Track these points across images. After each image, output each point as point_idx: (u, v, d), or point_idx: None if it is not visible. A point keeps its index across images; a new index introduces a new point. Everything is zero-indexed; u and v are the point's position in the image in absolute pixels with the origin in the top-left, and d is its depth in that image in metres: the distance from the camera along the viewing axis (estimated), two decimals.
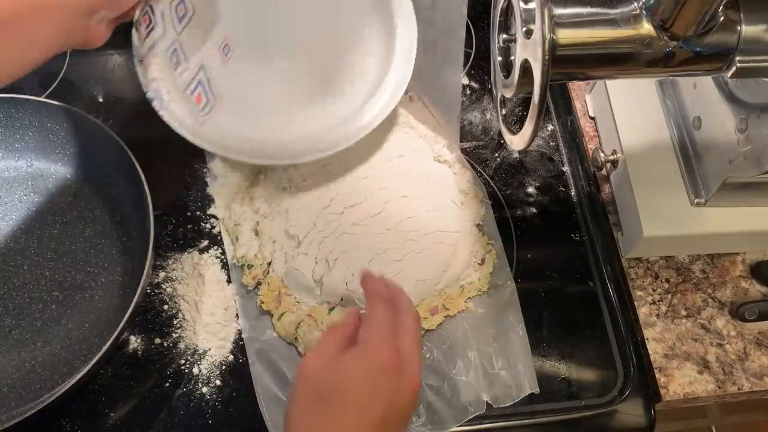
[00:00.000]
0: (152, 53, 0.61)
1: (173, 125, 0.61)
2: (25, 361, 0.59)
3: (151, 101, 0.61)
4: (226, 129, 0.63)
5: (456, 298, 0.64)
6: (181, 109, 0.62)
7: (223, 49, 0.65)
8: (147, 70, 0.61)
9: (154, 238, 0.59)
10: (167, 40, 0.61)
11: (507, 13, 0.55)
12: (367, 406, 0.49)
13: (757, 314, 0.68)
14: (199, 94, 0.64)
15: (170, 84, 0.62)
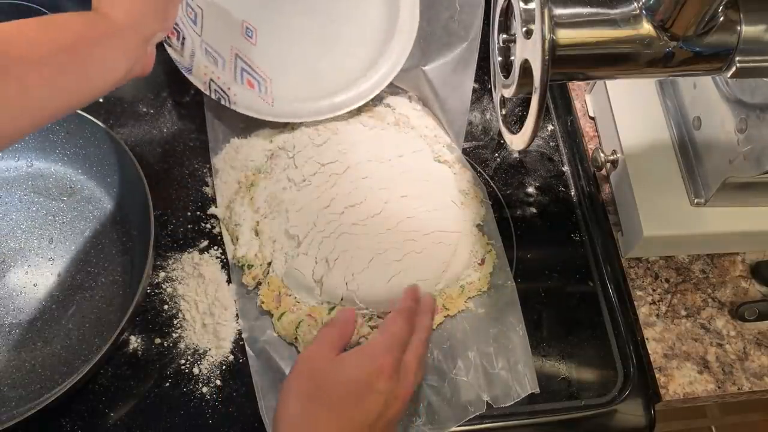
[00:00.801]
0: (196, 60, 0.65)
1: (251, 114, 0.67)
2: (25, 361, 0.59)
3: (219, 101, 0.66)
4: (289, 98, 0.69)
5: (456, 298, 0.64)
6: (246, 99, 0.67)
7: (246, 33, 0.69)
8: (200, 76, 0.65)
9: (154, 238, 0.59)
10: (197, 44, 0.65)
11: (507, 13, 0.55)
12: (362, 405, 0.49)
13: (757, 314, 0.68)
14: (249, 80, 0.67)
15: (225, 80, 0.66)
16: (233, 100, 0.66)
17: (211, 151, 0.70)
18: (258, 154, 0.69)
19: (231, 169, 0.69)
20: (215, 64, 0.66)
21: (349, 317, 0.58)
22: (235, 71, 0.68)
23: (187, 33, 0.64)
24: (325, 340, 0.54)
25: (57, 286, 0.62)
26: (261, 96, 0.68)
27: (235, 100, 0.66)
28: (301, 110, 0.69)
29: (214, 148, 0.70)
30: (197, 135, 0.71)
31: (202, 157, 0.70)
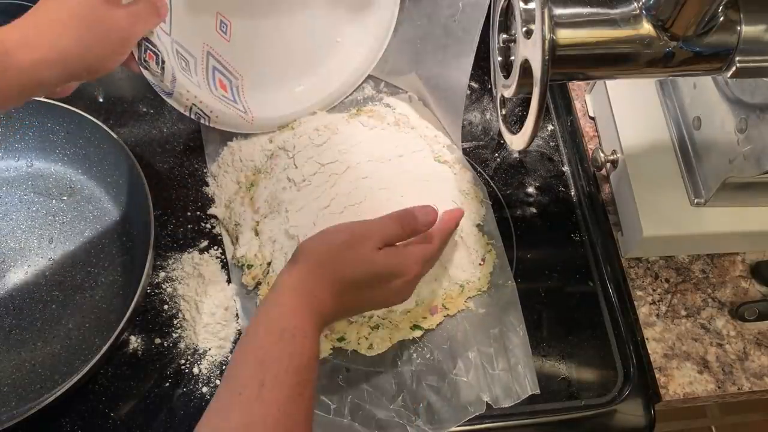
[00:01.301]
0: (177, 85, 0.61)
1: (231, 130, 0.68)
2: (25, 361, 0.59)
3: (200, 120, 0.64)
4: (269, 105, 0.69)
5: (456, 297, 0.64)
6: (227, 117, 0.66)
7: (220, 27, 0.66)
8: (181, 101, 0.62)
9: (154, 238, 0.59)
10: (171, 53, 0.61)
11: (507, 13, 0.55)
12: (368, 290, 0.52)
13: (756, 314, 0.68)
14: (220, 80, 0.65)
15: (205, 97, 0.63)
16: (213, 120, 0.65)
17: (208, 158, 0.70)
18: (258, 154, 0.69)
19: (231, 169, 0.69)
20: (188, 69, 0.63)
21: (429, 218, 0.57)
22: (207, 72, 0.65)
23: (163, 49, 0.58)
24: (378, 231, 0.54)
25: (57, 286, 0.62)
26: (242, 114, 0.67)
27: (216, 120, 0.65)
28: (278, 123, 0.70)
29: (211, 154, 0.70)
30: (197, 135, 0.71)
31: (202, 157, 0.70)
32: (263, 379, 0.43)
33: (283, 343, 0.45)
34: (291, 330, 0.46)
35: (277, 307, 0.48)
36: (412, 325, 0.62)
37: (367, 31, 0.73)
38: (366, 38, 0.73)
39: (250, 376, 0.44)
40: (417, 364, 0.62)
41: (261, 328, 0.47)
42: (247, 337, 0.48)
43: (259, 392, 0.43)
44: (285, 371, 0.44)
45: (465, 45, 0.66)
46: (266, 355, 0.45)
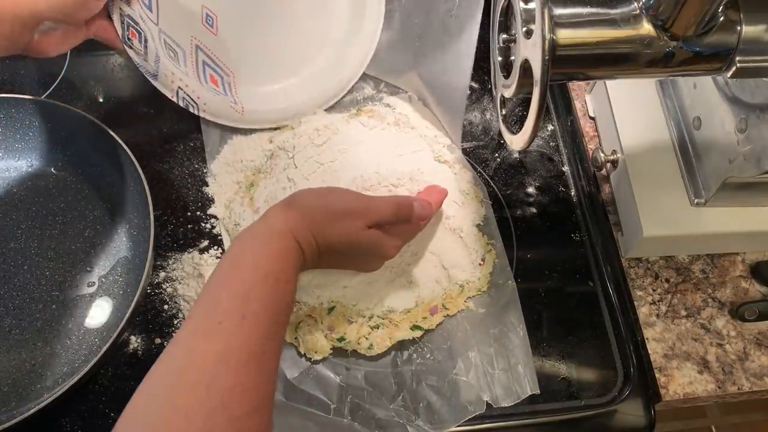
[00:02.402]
0: (161, 66, 0.61)
1: (220, 122, 0.66)
2: (25, 361, 0.59)
3: (188, 108, 0.63)
4: (259, 99, 0.68)
5: (456, 297, 0.64)
6: (215, 106, 0.65)
7: (206, 20, 0.65)
8: (166, 83, 0.62)
9: (154, 238, 0.59)
10: (156, 38, 0.61)
11: (507, 13, 0.55)
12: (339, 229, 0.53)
13: (757, 314, 0.68)
14: (211, 75, 0.65)
15: (193, 83, 0.63)
16: (202, 108, 0.64)
17: (208, 156, 0.70)
18: (258, 154, 0.69)
19: (231, 169, 0.69)
20: (176, 59, 0.62)
21: (425, 213, 0.58)
22: (197, 65, 0.64)
23: (147, 29, 0.59)
24: (374, 212, 0.54)
25: (57, 286, 0.62)
26: (231, 105, 0.66)
27: (204, 108, 0.64)
28: (269, 118, 0.70)
29: (212, 152, 0.70)
30: (197, 135, 0.71)
31: (202, 157, 0.70)
32: (245, 312, 0.44)
33: (267, 285, 0.46)
34: (276, 274, 0.47)
35: (266, 249, 0.49)
36: (412, 325, 0.62)
37: (358, 28, 0.73)
38: (357, 35, 0.73)
39: (231, 307, 0.44)
40: (417, 364, 0.62)
41: (247, 263, 0.48)
42: (230, 267, 0.48)
43: (240, 324, 0.43)
44: (265, 310, 0.45)
45: (463, 43, 0.65)
46: (250, 291, 0.45)
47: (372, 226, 0.55)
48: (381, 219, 0.55)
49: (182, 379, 0.40)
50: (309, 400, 0.59)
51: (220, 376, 0.41)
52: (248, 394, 0.41)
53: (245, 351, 0.43)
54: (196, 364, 0.41)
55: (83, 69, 0.74)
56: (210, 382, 0.40)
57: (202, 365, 0.41)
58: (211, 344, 0.42)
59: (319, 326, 0.61)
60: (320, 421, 0.58)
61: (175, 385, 0.40)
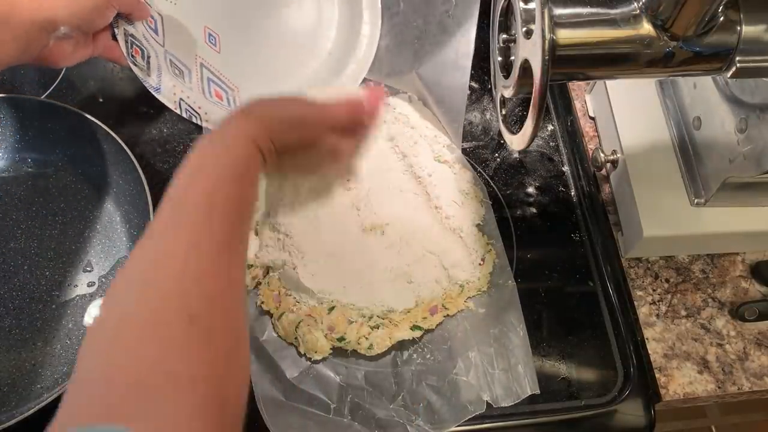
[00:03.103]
0: (163, 80, 0.62)
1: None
2: (25, 361, 0.59)
3: (191, 119, 0.64)
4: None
5: (456, 297, 0.64)
6: (217, 116, 0.65)
7: (209, 39, 0.67)
8: (169, 96, 0.63)
9: None
10: (161, 57, 0.62)
11: (507, 13, 0.55)
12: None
13: (757, 314, 0.68)
14: (216, 91, 0.65)
15: (195, 99, 0.64)
16: (204, 118, 0.65)
17: None
18: None
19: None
20: (182, 76, 0.65)
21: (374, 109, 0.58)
22: (202, 82, 0.66)
23: (151, 48, 0.62)
24: (329, 120, 0.55)
25: (57, 286, 0.62)
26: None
27: (206, 118, 0.65)
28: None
29: None
30: (197, 135, 0.71)
31: None
32: (212, 207, 0.45)
33: (232, 185, 0.47)
34: (240, 176, 0.48)
35: (228, 153, 0.49)
36: (412, 325, 0.62)
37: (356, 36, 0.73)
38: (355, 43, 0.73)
39: (199, 202, 0.45)
40: (417, 364, 0.62)
41: (209, 165, 0.48)
42: (193, 170, 0.48)
43: (209, 216, 0.44)
44: (232, 204, 0.46)
45: (462, 42, 0.66)
46: (215, 189, 0.46)
47: (328, 130, 0.56)
48: (337, 123, 0.55)
49: (157, 265, 0.41)
50: (309, 400, 0.59)
51: (192, 261, 0.41)
52: (221, 277, 0.42)
53: (215, 241, 0.43)
54: (169, 252, 0.41)
55: (83, 69, 0.74)
56: (184, 267, 0.40)
57: (175, 253, 0.41)
58: (183, 234, 0.43)
59: (319, 326, 0.61)
60: (320, 421, 0.58)
61: (150, 270, 0.41)
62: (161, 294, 0.39)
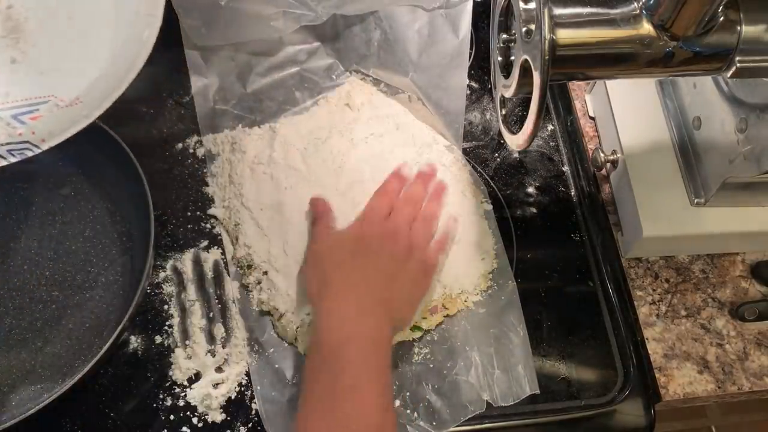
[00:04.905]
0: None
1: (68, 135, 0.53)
2: (25, 361, 0.59)
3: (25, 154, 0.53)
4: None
5: (456, 297, 0.64)
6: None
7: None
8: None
9: (154, 238, 0.59)
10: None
11: (507, 13, 0.55)
12: (360, 279, 0.56)
13: (757, 314, 0.68)
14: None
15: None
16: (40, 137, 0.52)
17: (208, 156, 0.70)
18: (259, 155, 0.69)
19: (229, 168, 0.69)
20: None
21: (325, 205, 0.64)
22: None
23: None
24: (322, 226, 0.61)
25: (57, 286, 0.62)
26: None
27: (42, 137, 0.52)
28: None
29: (212, 152, 0.70)
30: (197, 135, 0.71)
31: (203, 157, 0.70)
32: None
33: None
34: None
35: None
36: (412, 326, 0.62)
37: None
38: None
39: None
40: (417, 364, 0.62)
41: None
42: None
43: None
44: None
45: (457, 41, 0.66)
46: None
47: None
48: (381, 212, 0.62)
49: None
50: None
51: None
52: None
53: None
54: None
55: None
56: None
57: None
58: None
59: None
60: None
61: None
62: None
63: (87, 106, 0.52)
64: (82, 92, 0.52)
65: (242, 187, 0.67)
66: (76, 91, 0.52)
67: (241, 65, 0.73)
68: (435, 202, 0.64)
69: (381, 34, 0.72)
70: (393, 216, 0.61)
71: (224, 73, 0.73)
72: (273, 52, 0.74)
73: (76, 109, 0.52)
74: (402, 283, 0.58)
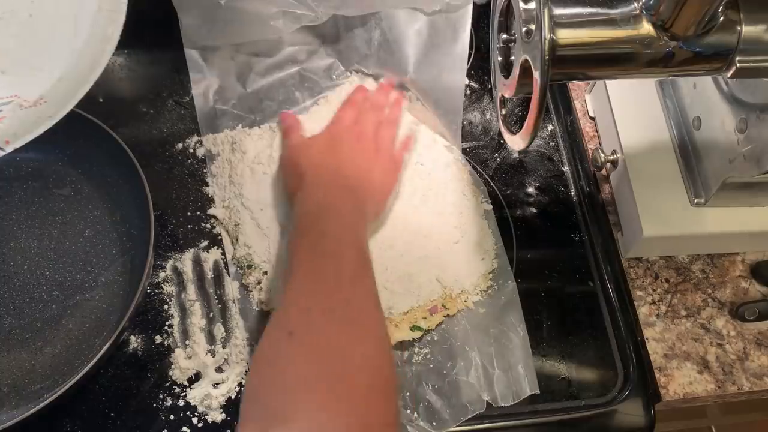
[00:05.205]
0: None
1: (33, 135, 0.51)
2: (25, 361, 0.59)
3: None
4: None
5: (456, 297, 0.64)
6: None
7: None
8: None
9: (154, 238, 0.59)
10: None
11: (507, 13, 0.55)
12: (335, 178, 0.60)
13: (757, 314, 0.68)
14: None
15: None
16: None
17: (208, 156, 0.70)
18: (258, 155, 0.69)
19: (229, 168, 0.69)
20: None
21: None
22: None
23: None
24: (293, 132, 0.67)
25: (57, 286, 0.62)
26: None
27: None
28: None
29: (211, 152, 0.70)
30: (197, 135, 0.71)
31: (203, 157, 0.70)
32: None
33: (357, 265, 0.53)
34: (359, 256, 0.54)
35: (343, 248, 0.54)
36: (412, 326, 0.62)
37: None
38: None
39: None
40: (417, 364, 0.62)
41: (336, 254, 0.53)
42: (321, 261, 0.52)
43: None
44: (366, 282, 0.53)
45: (457, 42, 0.66)
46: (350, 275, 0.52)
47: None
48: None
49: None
50: None
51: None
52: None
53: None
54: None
55: None
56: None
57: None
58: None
59: None
60: None
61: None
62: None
63: (52, 105, 0.51)
64: (46, 92, 0.52)
65: (242, 187, 0.67)
66: (40, 90, 0.51)
67: (241, 65, 0.73)
68: (396, 108, 0.70)
69: (381, 34, 0.72)
70: (360, 120, 0.66)
71: (224, 73, 0.73)
72: (273, 52, 0.74)
73: (40, 109, 0.51)
74: (373, 174, 0.62)
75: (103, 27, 0.54)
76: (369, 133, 0.65)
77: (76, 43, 0.54)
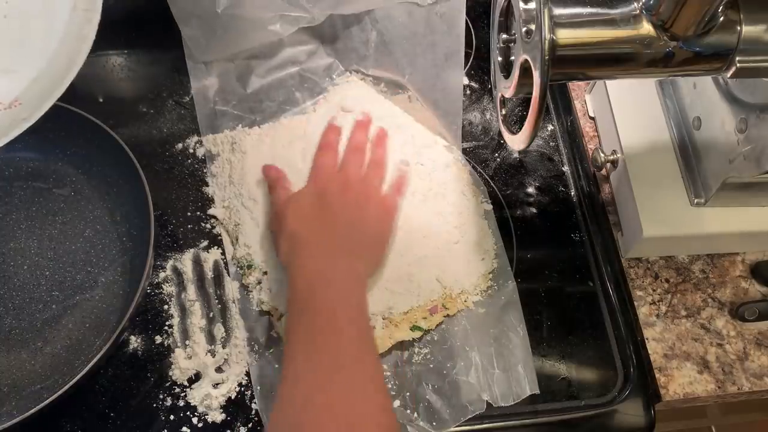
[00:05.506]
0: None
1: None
2: (25, 361, 0.59)
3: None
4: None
5: (456, 297, 0.64)
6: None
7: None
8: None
9: (154, 238, 0.59)
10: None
11: (507, 13, 0.55)
12: (319, 236, 0.58)
13: (757, 314, 0.68)
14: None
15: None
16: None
17: (208, 156, 0.70)
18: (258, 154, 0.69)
19: (229, 168, 0.69)
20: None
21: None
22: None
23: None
24: (278, 192, 0.64)
25: (57, 286, 0.62)
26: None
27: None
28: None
29: (211, 152, 0.70)
30: (197, 135, 0.71)
31: (202, 157, 0.70)
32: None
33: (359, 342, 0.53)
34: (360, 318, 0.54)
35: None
36: (412, 326, 0.62)
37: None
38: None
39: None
40: (417, 364, 0.62)
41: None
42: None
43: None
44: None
45: (453, 41, 0.66)
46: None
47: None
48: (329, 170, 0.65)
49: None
50: None
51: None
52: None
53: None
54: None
55: (83, 69, 0.74)
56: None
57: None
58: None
59: None
60: None
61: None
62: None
63: (27, 107, 0.50)
64: (21, 93, 0.51)
65: (242, 187, 0.67)
66: (15, 92, 0.50)
67: (241, 66, 0.73)
68: (380, 147, 0.66)
69: (377, 35, 0.72)
70: (343, 167, 0.63)
71: (224, 74, 0.73)
72: (273, 52, 0.74)
73: (15, 111, 0.50)
74: (366, 226, 0.60)
75: (78, 26, 0.53)
76: (355, 180, 0.62)
77: (52, 43, 0.53)
